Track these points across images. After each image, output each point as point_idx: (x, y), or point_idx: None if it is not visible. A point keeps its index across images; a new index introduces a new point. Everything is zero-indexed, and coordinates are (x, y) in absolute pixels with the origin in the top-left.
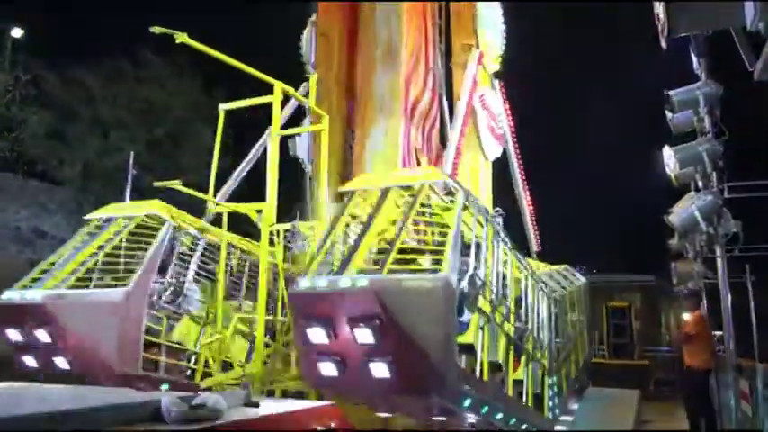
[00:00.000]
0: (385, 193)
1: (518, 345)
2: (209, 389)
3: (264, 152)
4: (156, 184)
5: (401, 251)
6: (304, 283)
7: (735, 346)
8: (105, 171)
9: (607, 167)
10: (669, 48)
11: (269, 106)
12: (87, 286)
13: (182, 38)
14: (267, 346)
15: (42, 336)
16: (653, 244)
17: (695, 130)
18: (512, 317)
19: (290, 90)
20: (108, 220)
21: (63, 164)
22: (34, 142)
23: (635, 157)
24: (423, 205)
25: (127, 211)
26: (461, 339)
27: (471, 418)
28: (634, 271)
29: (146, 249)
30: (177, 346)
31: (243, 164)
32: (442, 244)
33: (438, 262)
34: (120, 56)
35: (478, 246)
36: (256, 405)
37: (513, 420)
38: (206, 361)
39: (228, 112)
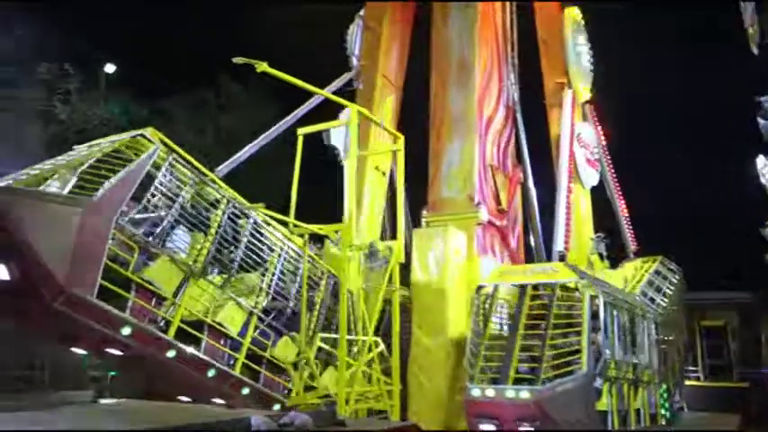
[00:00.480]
0: (522, 294)
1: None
2: (294, 407)
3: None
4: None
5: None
6: (475, 392)
7: None
8: None
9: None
10: (761, 53)
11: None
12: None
13: (262, 67)
14: (349, 366)
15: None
16: (749, 258)
17: None
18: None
19: (365, 112)
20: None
21: None
22: None
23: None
24: (559, 301)
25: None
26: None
27: None
28: (729, 288)
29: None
30: (149, 286)
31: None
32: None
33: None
34: (203, 86)
35: (605, 326)
36: (343, 424)
37: None
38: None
39: (312, 138)
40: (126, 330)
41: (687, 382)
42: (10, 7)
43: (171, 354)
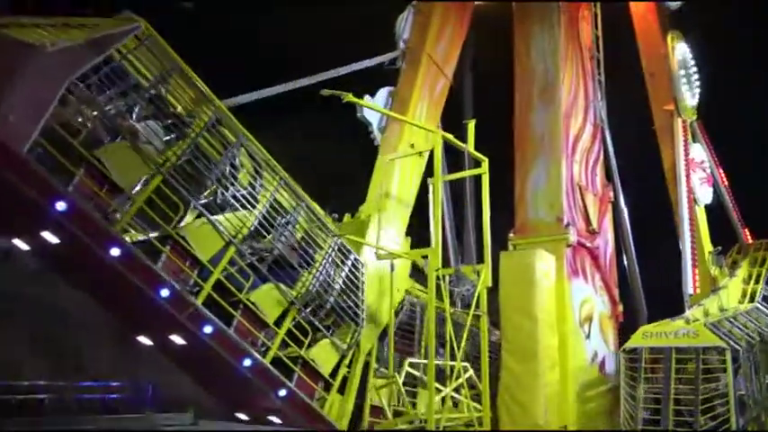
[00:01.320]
0: (669, 356)
1: None
2: None
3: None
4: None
5: None
6: None
7: None
8: None
9: None
10: None
11: None
12: None
13: (347, 98)
14: (438, 390)
15: None
16: None
17: None
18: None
19: (449, 137)
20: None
21: None
22: None
23: None
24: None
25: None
26: None
27: None
28: None
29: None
30: (99, 167)
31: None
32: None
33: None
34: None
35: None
36: None
37: None
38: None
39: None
40: (61, 206)
41: None
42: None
43: (208, 329)
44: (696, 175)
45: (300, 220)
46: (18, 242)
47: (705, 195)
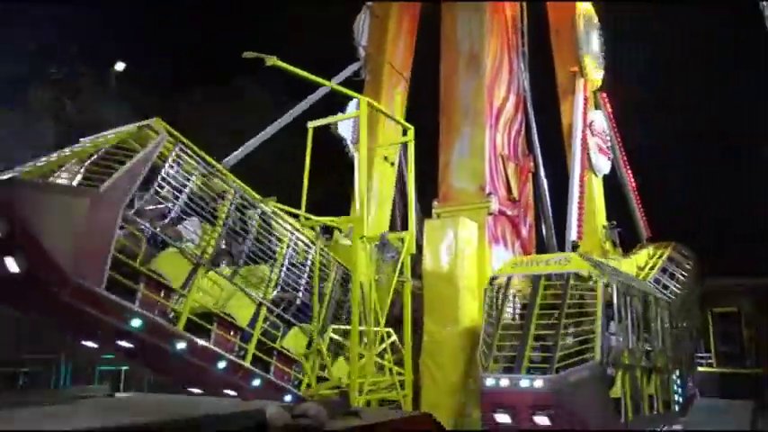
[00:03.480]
0: (536, 285)
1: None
2: (307, 398)
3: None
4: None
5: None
6: (490, 382)
7: None
8: None
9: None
10: None
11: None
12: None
13: (272, 61)
14: (361, 356)
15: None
16: (764, 243)
17: None
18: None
19: (374, 103)
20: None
21: None
22: None
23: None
24: (572, 292)
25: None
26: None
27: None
28: (742, 273)
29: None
30: (158, 278)
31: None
32: (591, 330)
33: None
34: (214, 81)
35: (619, 314)
36: (356, 414)
37: None
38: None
39: (322, 130)
40: (136, 323)
41: (700, 369)
42: (20, 8)
43: (181, 346)
44: (594, 140)
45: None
46: (90, 343)
47: (602, 165)
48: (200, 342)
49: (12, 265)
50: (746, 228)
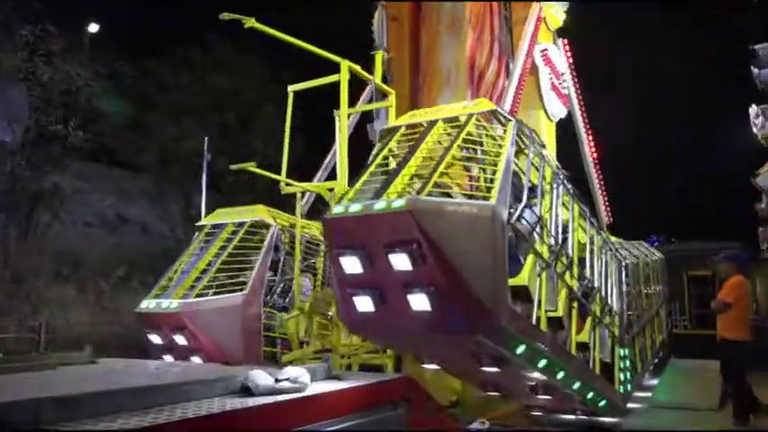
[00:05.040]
0: (430, 126)
1: (583, 302)
2: (289, 363)
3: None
4: (232, 166)
5: (446, 195)
6: (337, 209)
7: None
8: (181, 156)
9: (687, 128)
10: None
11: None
12: (211, 292)
13: (250, 23)
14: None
15: (180, 339)
16: (739, 209)
17: None
18: (574, 268)
19: (357, 68)
20: (217, 226)
21: (142, 151)
22: (115, 132)
23: (717, 117)
24: (470, 136)
25: (234, 217)
26: (514, 281)
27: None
28: (719, 238)
29: (255, 250)
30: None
31: (331, 153)
32: (492, 180)
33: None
34: (189, 44)
35: (534, 188)
36: (339, 378)
37: (591, 394)
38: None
39: (302, 95)
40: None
41: (675, 331)
42: None
43: None
44: (547, 72)
45: None
46: None
47: (557, 109)
48: None
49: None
50: (725, 192)
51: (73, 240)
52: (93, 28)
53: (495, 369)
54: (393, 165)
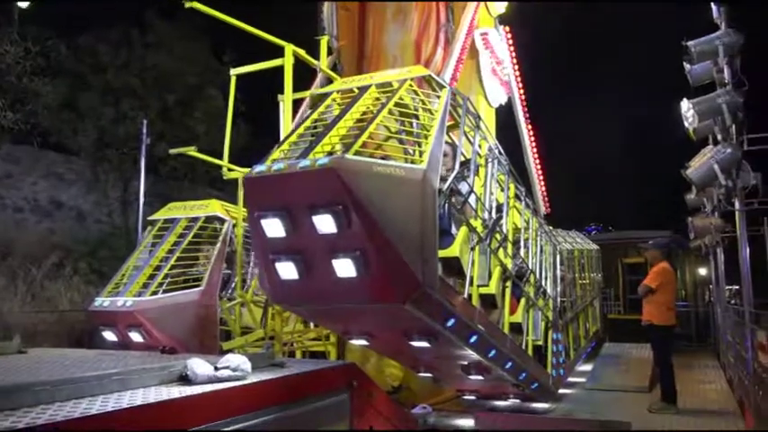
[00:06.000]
0: (363, 91)
1: (516, 282)
2: (230, 350)
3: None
4: (171, 151)
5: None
6: (259, 168)
7: (752, 299)
8: (119, 139)
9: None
10: None
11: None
12: (164, 289)
13: (190, 3)
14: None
15: (135, 336)
16: (671, 199)
17: (714, 82)
18: (509, 246)
19: (301, 52)
20: (170, 221)
21: (77, 134)
22: (47, 113)
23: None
24: (401, 103)
25: (187, 212)
26: (445, 253)
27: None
28: (651, 227)
29: (210, 245)
30: (248, 329)
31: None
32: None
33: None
34: (127, 22)
35: (467, 161)
36: (281, 365)
37: (523, 375)
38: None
39: (244, 78)
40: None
41: (610, 316)
42: None
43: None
44: (488, 56)
45: None
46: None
47: (497, 94)
48: None
49: None
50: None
51: (2, 226)
52: (23, 3)
53: (424, 344)
54: (321, 129)
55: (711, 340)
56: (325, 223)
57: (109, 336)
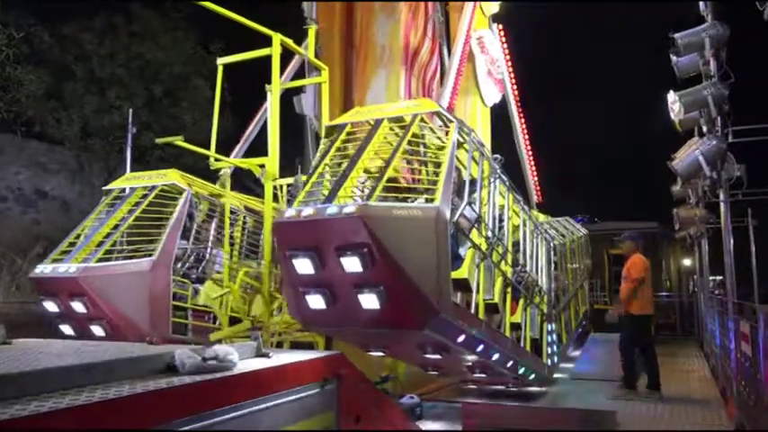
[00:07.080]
0: (377, 125)
1: (516, 287)
2: (218, 341)
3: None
4: (158, 140)
5: (392, 189)
6: (289, 213)
7: (735, 289)
8: (104, 129)
9: (610, 114)
10: None
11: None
12: (115, 257)
13: None
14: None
15: (78, 306)
16: (657, 191)
17: (700, 74)
18: (509, 257)
19: (289, 42)
20: (126, 191)
21: (61, 123)
22: (31, 102)
23: (638, 103)
24: (415, 137)
25: (145, 181)
26: (456, 275)
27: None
28: (637, 218)
29: (166, 218)
30: (203, 308)
31: (252, 124)
32: (435, 182)
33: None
34: (112, 11)
35: (473, 182)
36: (268, 356)
37: (522, 370)
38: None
39: (230, 68)
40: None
41: (596, 306)
42: None
43: None
44: (483, 58)
45: None
46: None
47: (492, 93)
48: None
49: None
50: (643, 175)
51: None
52: None
53: (437, 356)
54: (341, 163)
55: (695, 330)
56: (351, 263)
57: (50, 306)
